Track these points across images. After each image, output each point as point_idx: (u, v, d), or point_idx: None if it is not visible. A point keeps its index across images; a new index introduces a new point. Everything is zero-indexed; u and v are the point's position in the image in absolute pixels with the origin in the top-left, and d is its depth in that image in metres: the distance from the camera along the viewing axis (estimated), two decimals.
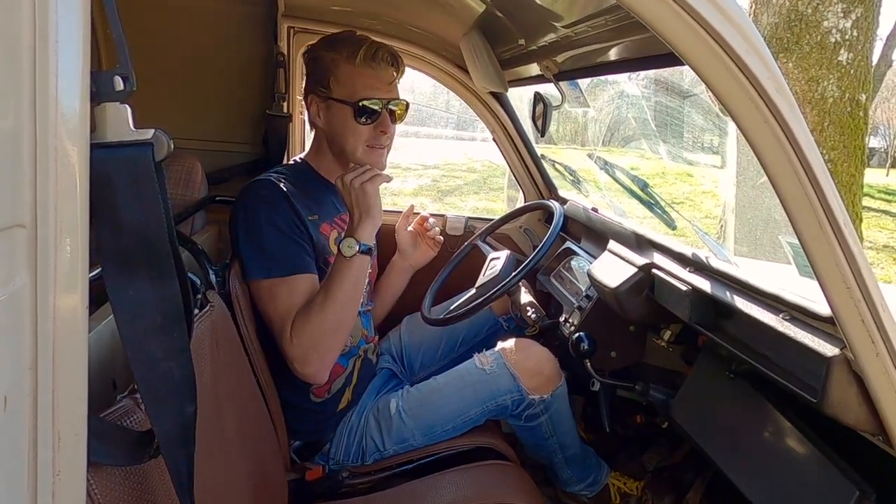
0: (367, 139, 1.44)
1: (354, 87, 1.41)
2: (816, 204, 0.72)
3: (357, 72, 1.40)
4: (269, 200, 1.36)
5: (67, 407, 0.53)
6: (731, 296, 1.09)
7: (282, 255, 1.34)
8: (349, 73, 1.41)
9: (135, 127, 0.57)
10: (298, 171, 1.50)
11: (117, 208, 0.56)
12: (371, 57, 1.39)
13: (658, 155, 5.76)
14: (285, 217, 1.35)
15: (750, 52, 0.66)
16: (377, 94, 1.42)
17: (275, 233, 1.33)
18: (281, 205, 1.36)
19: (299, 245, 1.36)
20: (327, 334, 1.30)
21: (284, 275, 1.33)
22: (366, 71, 1.40)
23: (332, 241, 1.46)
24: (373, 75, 1.41)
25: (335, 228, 1.48)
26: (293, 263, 1.34)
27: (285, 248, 1.34)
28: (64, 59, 0.50)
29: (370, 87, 1.41)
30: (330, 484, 1.44)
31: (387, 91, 1.43)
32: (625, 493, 1.67)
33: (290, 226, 1.36)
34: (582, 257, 1.81)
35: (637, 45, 1.10)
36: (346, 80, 1.41)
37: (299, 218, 1.38)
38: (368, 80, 1.41)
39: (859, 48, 4.32)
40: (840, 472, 0.94)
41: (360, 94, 1.40)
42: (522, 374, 1.47)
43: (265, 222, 1.33)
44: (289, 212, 1.36)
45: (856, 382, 0.82)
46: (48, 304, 0.51)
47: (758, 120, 0.70)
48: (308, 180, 1.49)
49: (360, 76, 1.40)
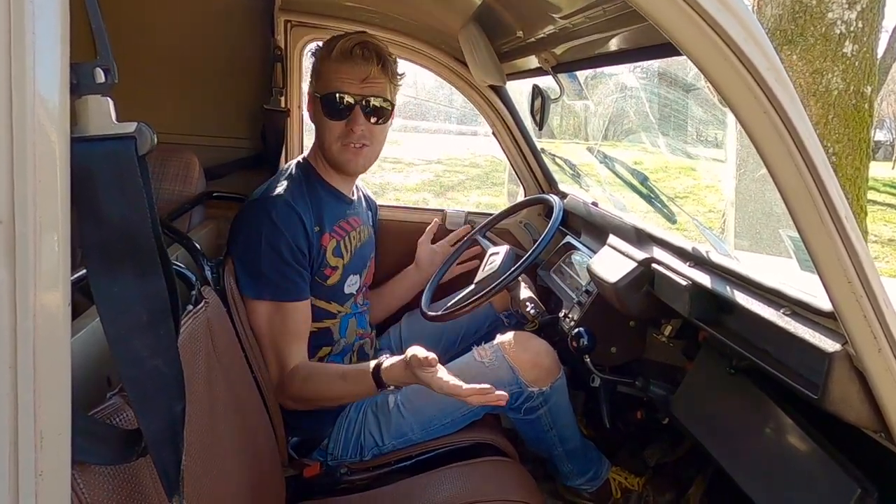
0: (339, 136, 1.42)
1: (328, 81, 1.40)
2: (817, 196, 0.71)
3: (331, 66, 1.39)
4: (279, 224, 1.34)
5: (50, 406, 0.52)
6: (732, 291, 1.07)
7: (275, 280, 1.34)
8: (326, 67, 1.40)
9: (125, 120, 0.56)
10: (305, 178, 1.48)
11: (100, 203, 0.55)
12: (347, 51, 1.37)
13: (661, 149, 5.74)
14: (289, 244, 1.35)
15: (748, 41, 0.64)
16: (348, 88, 1.39)
17: (275, 258, 1.33)
18: (290, 230, 1.35)
19: (297, 272, 1.36)
20: (316, 405, 1.40)
21: (274, 299, 1.34)
22: (339, 65, 1.39)
23: (329, 252, 1.45)
24: (345, 70, 1.39)
25: (333, 237, 1.47)
26: (285, 289, 1.35)
27: (281, 273, 1.34)
28: (42, 50, 0.49)
29: (341, 81, 1.39)
30: (328, 480, 1.43)
31: (360, 87, 1.40)
32: (626, 488, 1.66)
33: (291, 252, 1.35)
34: (582, 252, 1.79)
35: (635, 36, 1.08)
36: (323, 74, 1.41)
37: (307, 239, 1.37)
38: (340, 74, 1.39)
39: (864, 40, 4.28)
40: (842, 469, 0.93)
41: (329, 88, 1.39)
42: (521, 366, 1.46)
43: (266, 245, 1.33)
44: (296, 238, 1.35)
45: (857, 379, 0.80)
46: (28, 301, 0.50)
47: (757, 111, 0.68)
48: (313, 188, 1.47)
49: (333, 70, 1.39)
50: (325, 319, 1.48)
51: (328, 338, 1.52)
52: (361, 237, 1.58)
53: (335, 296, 1.50)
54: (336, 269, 1.48)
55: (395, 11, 1.86)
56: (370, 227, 1.69)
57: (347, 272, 1.52)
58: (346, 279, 1.52)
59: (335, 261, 1.47)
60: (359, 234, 1.57)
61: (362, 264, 1.60)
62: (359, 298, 1.60)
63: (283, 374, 1.37)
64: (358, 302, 1.60)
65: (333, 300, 1.50)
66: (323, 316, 1.47)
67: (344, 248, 1.50)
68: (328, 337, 1.52)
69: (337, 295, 1.50)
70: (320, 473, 1.44)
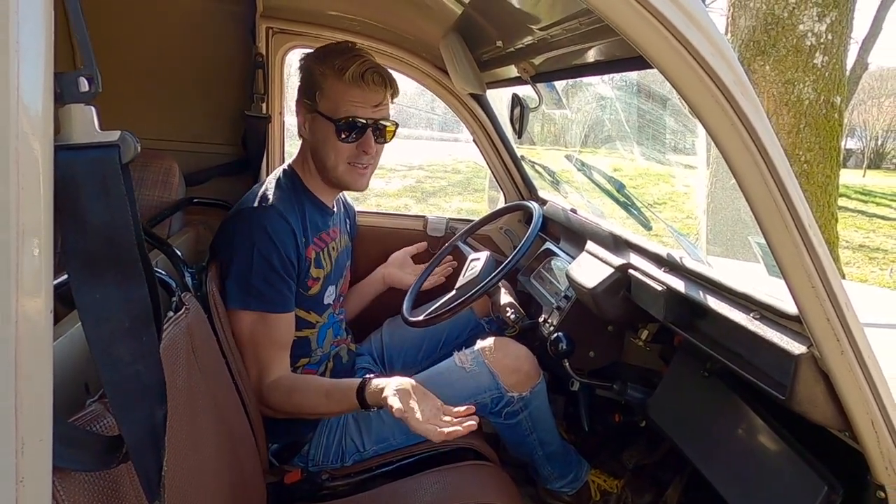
0: (348, 157, 1.44)
1: (339, 104, 1.39)
2: (782, 205, 0.74)
3: (344, 89, 1.38)
4: (272, 236, 1.34)
5: (31, 413, 0.52)
6: (704, 295, 1.11)
7: (265, 292, 1.34)
8: (336, 89, 1.38)
9: (110, 127, 0.57)
10: (292, 189, 1.48)
11: (83, 211, 0.55)
12: (360, 76, 1.37)
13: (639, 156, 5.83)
14: (281, 255, 1.35)
15: (715, 56, 0.67)
16: (363, 113, 1.40)
17: (267, 269, 1.33)
18: (282, 242, 1.35)
19: (286, 284, 1.37)
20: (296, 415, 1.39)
21: (262, 310, 1.34)
22: (353, 90, 1.38)
23: (312, 263, 1.46)
24: (359, 94, 1.39)
25: (314, 248, 1.48)
26: (274, 301, 1.35)
27: (271, 285, 1.34)
28: (26, 59, 0.49)
29: (355, 105, 1.39)
30: (309, 487, 1.43)
31: (372, 111, 1.41)
32: (605, 490, 1.69)
33: (283, 264, 1.35)
34: (562, 258, 1.82)
35: (610, 48, 1.11)
36: (332, 95, 1.39)
37: (297, 251, 1.38)
38: (355, 98, 1.39)
39: (834, 51, 4.41)
40: (809, 468, 0.96)
41: (343, 112, 1.39)
42: (501, 371, 1.48)
43: (259, 255, 1.33)
44: (287, 250, 1.36)
45: (822, 380, 0.84)
46: (10, 307, 0.50)
47: (724, 122, 0.71)
48: (299, 199, 1.48)
49: (346, 93, 1.38)
50: (305, 329, 1.49)
51: (306, 348, 1.52)
52: (339, 247, 1.60)
53: (315, 306, 1.50)
54: (318, 279, 1.48)
55: (376, 20, 1.87)
56: (347, 236, 1.70)
57: (328, 283, 1.52)
58: (325, 289, 1.52)
59: (317, 272, 1.48)
60: (337, 244, 1.58)
61: (340, 274, 1.61)
62: (336, 308, 1.61)
63: (264, 383, 1.37)
64: (335, 312, 1.61)
65: (313, 310, 1.50)
66: (303, 325, 1.48)
67: (325, 258, 1.51)
68: (306, 347, 1.52)
69: (317, 305, 1.51)
70: (301, 480, 1.43)
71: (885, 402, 0.80)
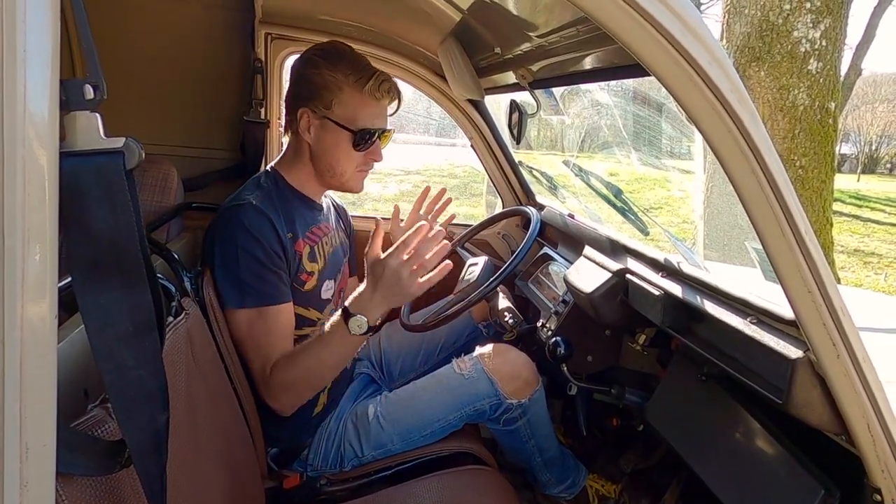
0: (358, 164, 1.47)
1: (357, 115, 1.41)
2: (779, 211, 0.74)
3: (363, 100, 1.40)
4: (251, 230, 1.34)
5: (36, 418, 0.52)
6: (702, 300, 1.11)
7: (257, 286, 1.33)
8: (354, 99, 1.40)
9: (109, 132, 0.57)
10: (274, 187, 1.48)
11: (88, 217, 0.56)
12: (377, 88, 1.40)
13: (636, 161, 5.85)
14: (265, 247, 1.34)
15: (712, 65, 0.68)
16: (378, 124, 1.43)
17: (252, 263, 1.33)
18: (263, 235, 1.35)
19: (275, 274, 1.36)
20: (305, 388, 1.37)
21: (258, 305, 1.33)
22: (371, 101, 1.41)
23: (305, 258, 1.46)
24: (377, 105, 1.42)
25: (307, 243, 1.48)
26: (267, 294, 1.34)
27: (260, 278, 1.34)
28: (32, 67, 0.50)
29: (373, 116, 1.42)
30: (308, 491, 1.43)
31: (383, 121, 1.46)
32: (603, 495, 1.69)
33: (267, 255, 1.35)
34: (559, 263, 1.83)
35: (608, 55, 1.12)
36: (350, 104, 1.40)
37: (280, 243, 1.38)
38: (373, 109, 1.42)
39: (828, 58, 4.45)
40: (806, 471, 0.97)
41: (361, 123, 1.41)
42: (500, 378, 1.48)
43: (242, 251, 1.33)
44: (270, 241, 1.35)
45: (819, 384, 0.84)
46: (15, 312, 0.50)
47: (721, 130, 0.72)
48: (283, 196, 1.48)
49: (365, 105, 1.40)
50: (306, 327, 1.49)
51: None
52: (333, 242, 1.60)
53: (313, 302, 1.51)
54: (312, 274, 1.49)
55: (375, 26, 1.88)
56: (342, 232, 1.70)
57: (323, 277, 1.53)
58: (322, 284, 1.52)
59: (311, 266, 1.48)
60: (330, 239, 1.59)
61: (336, 269, 1.61)
62: (337, 304, 1.61)
63: (267, 372, 1.34)
64: (336, 308, 1.61)
65: (312, 307, 1.50)
66: (304, 324, 1.48)
67: (318, 253, 1.51)
68: None
69: (315, 301, 1.51)
70: (300, 484, 1.44)
71: (881, 405, 0.81)
